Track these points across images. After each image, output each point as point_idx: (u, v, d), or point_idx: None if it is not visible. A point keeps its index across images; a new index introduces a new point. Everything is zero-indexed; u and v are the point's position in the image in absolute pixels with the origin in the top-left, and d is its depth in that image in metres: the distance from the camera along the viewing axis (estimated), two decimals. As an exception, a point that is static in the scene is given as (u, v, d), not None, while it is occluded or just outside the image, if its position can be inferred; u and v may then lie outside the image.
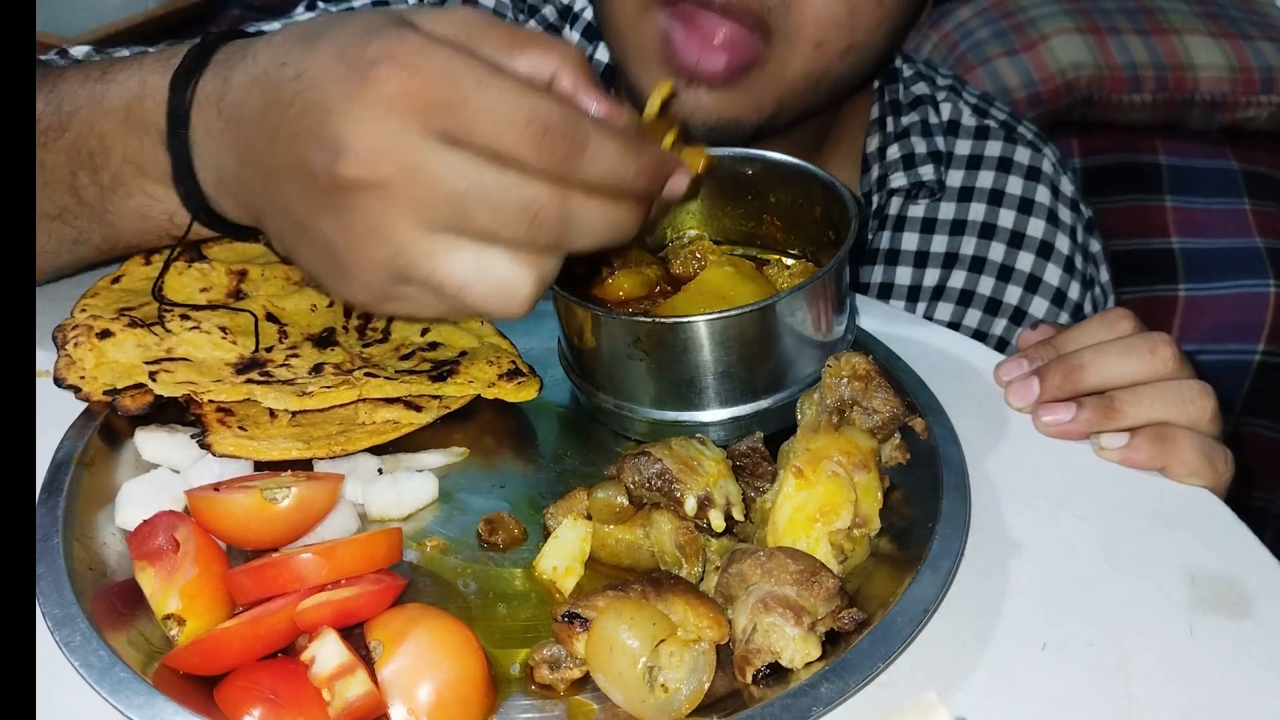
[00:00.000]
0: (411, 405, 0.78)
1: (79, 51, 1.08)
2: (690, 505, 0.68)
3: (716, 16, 0.92)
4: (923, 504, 0.72)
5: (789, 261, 0.87)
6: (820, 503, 0.67)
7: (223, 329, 0.80)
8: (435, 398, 0.79)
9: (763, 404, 0.77)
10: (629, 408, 0.79)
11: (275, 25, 1.10)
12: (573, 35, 1.18)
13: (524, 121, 0.61)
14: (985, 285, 1.18)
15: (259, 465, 0.75)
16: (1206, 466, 0.79)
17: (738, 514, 0.68)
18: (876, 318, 0.92)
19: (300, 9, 1.19)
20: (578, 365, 0.82)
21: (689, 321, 0.74)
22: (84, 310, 0.81)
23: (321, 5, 1.18)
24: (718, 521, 0.68)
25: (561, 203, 0.63)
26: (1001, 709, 0.63)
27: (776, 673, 0.62)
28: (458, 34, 0.64)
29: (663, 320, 0.74)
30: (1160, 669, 0.65)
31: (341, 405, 0.77)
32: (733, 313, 0.74)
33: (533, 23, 1.19)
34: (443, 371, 0.80)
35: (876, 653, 0.62)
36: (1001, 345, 1.19)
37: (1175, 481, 0.79)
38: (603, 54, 1.15)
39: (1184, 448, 0.79)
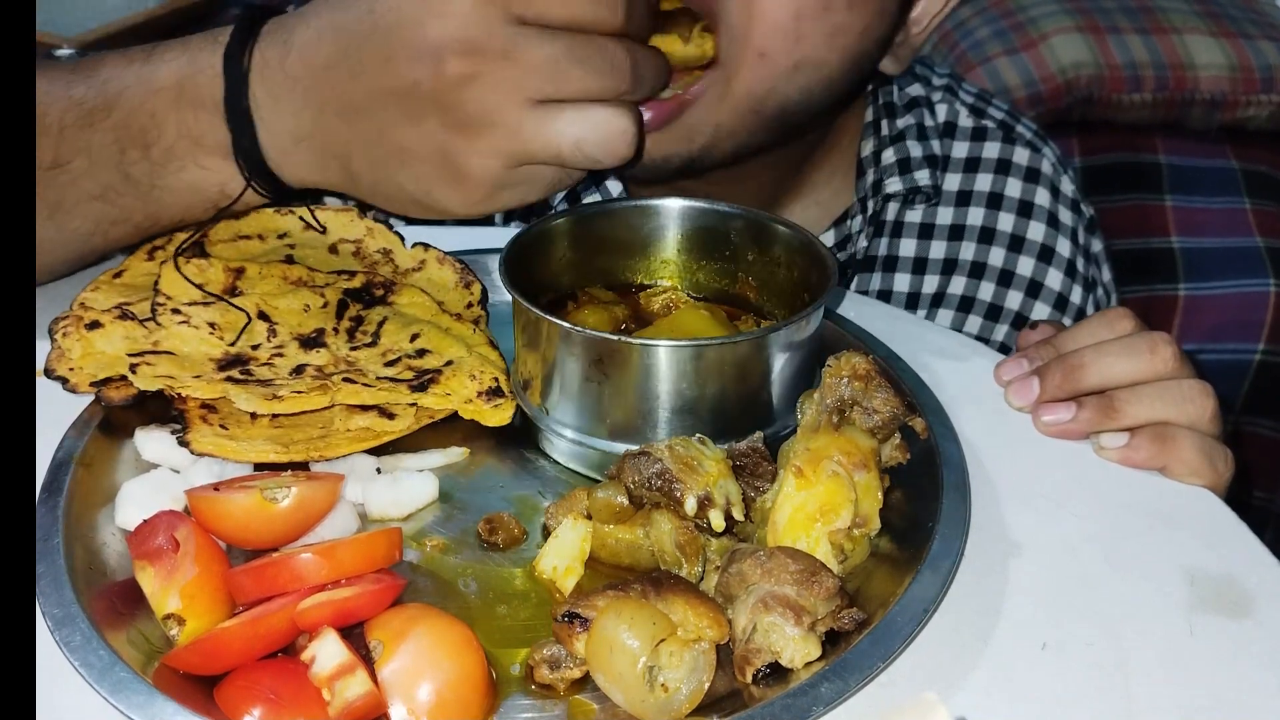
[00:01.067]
0: (386, 413, 0.78)
1: (64, 54, 1.10)
2: (690, 505, 0.68)
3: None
4: (923, 504, 0.72)
5: (758, 321, 0.86)
6: (820, 502, 0.67)
7: (211, 325, 0.80)
8: (413, 405, 0.79)
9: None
10: (579, 437, 0.77)
11: None
12: None
13: (597, 75, 0.72)
14: (986, 291, 1.17)
15: (259, 465, 0.75)
16: (1207, 466, 0.79)
17: (738, 514, 0.68)
18: (876, 318, 0.92)
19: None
20: (530, 387, 0.80)
21: (657, 345, 0.72)
22: (83, 305, 0.81)
23: None
24: (718, 521, 0.68)
25: (627, 50, 0.74)
26: (1001, 709, 0.63)
27: (776, 672, 0.62)
28: None
29: (630, 341, 0.73)
30: (1160, 669, 0.65)
31: (314, 410, 0.76)
32: (709, 342, 0.73)
33: None
34: (424, 381, 0.79)
35: (876, 652, 0.62)
36: (1003, 351, 1.15)
37: (1175, 481, 0.79)
38: None
39: (1184, 447, 0.79)
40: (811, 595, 0.62)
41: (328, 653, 0.59)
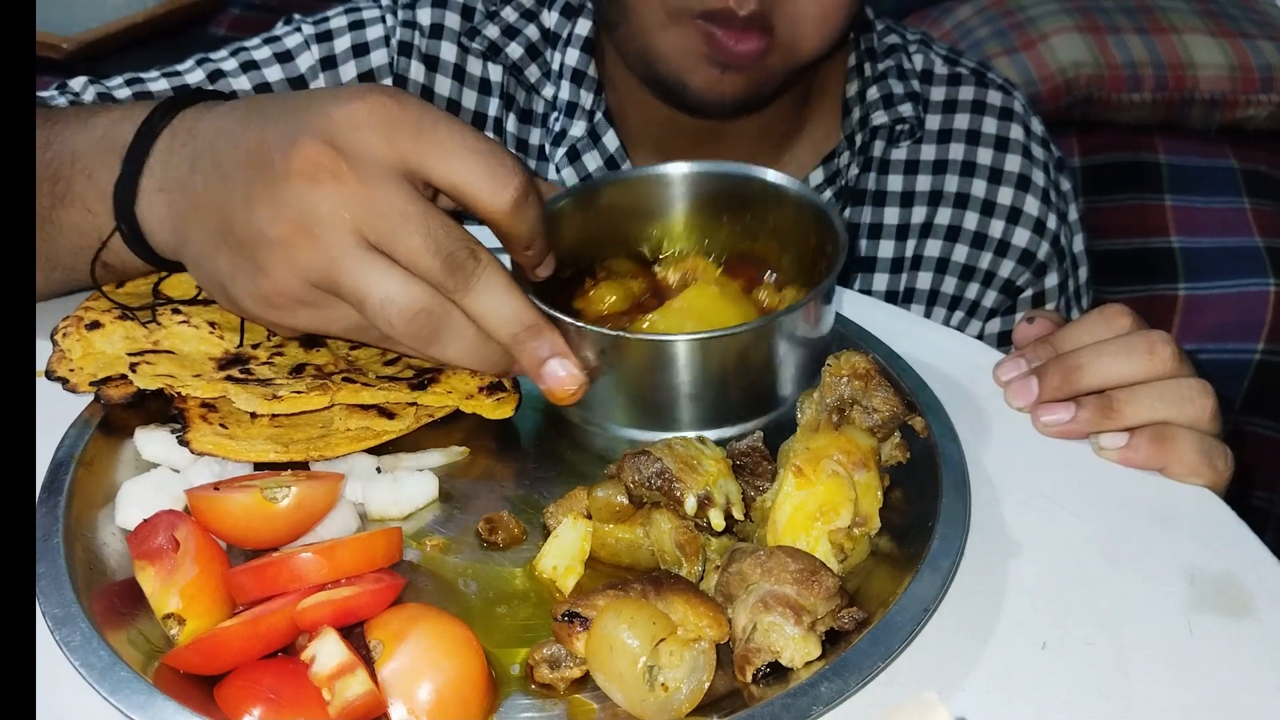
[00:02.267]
0: (385, 413, 0.78)
1: (77, 83, 1.13)
2: (690, 504, 0.68)
3: (741, 30, 1.00)
4: (923, 503, 0.72)
5: (779, 285, 0.86)
6: (820, 502, 0.67)
7: (211, 324, 0.80)
8: (413, 405, 0.79)
9: (728, 431, 0.77)
10: (596, 423, 0.78)
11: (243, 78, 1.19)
12: (551, 16, 1.22)
13: (433, 252, 0.69)
14: (970, 220, 1.23)
15: (259, 465, 0.75)
16: (1206, 466, 0.79)
17: (738, 513, 0.68)
18: (876, 317, 0.92)
19: (280, 24, 1.23)
20: None
21: (658, 340, 0.73)
22: (84, 305, 0.81)
23: (298, 18, 1.22)
24: (718, 520, 0.68)
25: (474, 255, 0.70)
26: (1001, 709, 0.63)
27: (776, 672, 0.62)
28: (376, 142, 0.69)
29: (629, 336, 0.73)
30: (1160, 668, 0.65)
31: (314, 410, 0.76)
32: (711, 335, 0.73)
33: (509, 8, 1.22)
34: (423, 380, 0.79)
35: (876, 652, 0.62)
36: (988, 279, 1.24)
37: (1175, 481, 0.79)
38: (581, 28, 1.19)
39: (1183, 447, 0.79)
40: (811, 595, 0.62)
41: (328, 652, 0.59)
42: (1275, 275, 1.89)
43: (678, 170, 0.88)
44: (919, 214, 1.23)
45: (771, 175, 0.86)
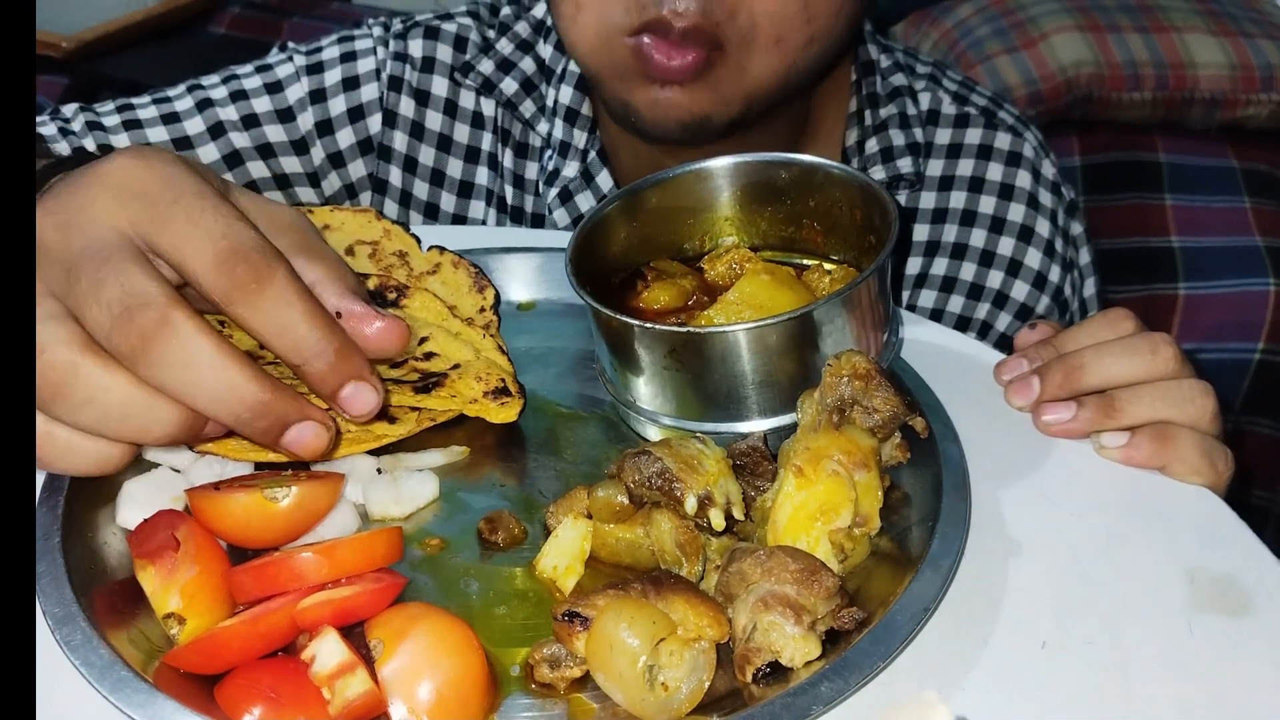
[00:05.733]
0: (387, 417, 0.78)
1: (69, 109, 1.13)
2: (690, 504, 0.68)
3: (676, 42, 0.96)
4: (923, 503, 0.72)
5: (829, 266, 0.86)
6: (820, 501, 0.67)
7: (220, 322, 0.80)
8: (415, 409, 0.79)
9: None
10: (668, 419, 0.78)
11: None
12: (546, 49, 1.20)
13: (101, 305, 0.60)
14: (967, 271, 1.20)
15: (260, 464, 0.75)
16: (1207, 465, 0.79)
17: (738, 513, 0.69)
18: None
19: (274, 51, 1.23)
20: (617, 380, 0.81)
21: (723, 331, 0.73)
22: None
23: (291, 46, 1.22)
24: (718, 520, 0.68)
25: (73, 364, 0.60)
26: (1001, 708, 0.63)
27: (776, 671, 0.62)
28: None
29: (696, 330, 0.74)
30: (1160, 667, 0.66)
31: None
32: (768, 321, 0.73)
33: (505, 40, 1.21)
34: (428, 383, 0.79)
35: (876, 651, 0.62)
36: (984, 329, 1.21)
37: (1175, 480, 0.79)
38: (575, 64, 1.17)
39: (1184, 447, 0.79)
40: (811, 594, 0.62)
41: (328, 651, 0.59)
42: (1275, 275, 1.89)
43: (717, 164, 0.88)
44: (914, 265, 1.20)
45: (809, 158, 0.86)
